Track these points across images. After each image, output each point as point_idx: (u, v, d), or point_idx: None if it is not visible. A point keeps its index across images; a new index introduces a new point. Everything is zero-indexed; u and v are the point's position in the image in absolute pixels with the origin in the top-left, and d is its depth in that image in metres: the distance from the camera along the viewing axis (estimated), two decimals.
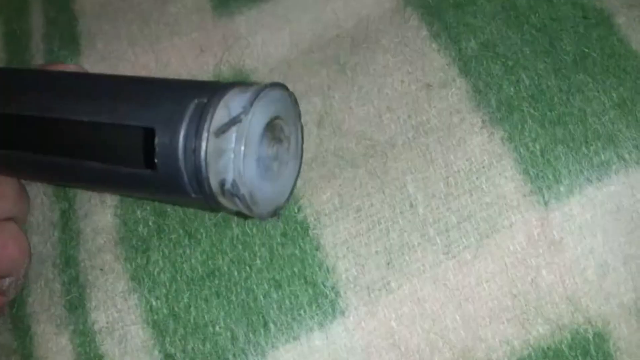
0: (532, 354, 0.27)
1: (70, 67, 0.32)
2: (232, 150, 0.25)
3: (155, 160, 0.25)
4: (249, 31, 0.36)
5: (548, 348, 0.27)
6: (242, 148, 0.25)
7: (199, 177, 0.25)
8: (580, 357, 0.27)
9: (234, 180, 0.25)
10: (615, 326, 0.27)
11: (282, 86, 0.28)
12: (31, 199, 0.33)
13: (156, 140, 0.25)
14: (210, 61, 0.36)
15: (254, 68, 0.35)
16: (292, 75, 0.34)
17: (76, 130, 0.28)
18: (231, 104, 0.25)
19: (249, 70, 0.35)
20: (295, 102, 0.29)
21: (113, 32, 0.38)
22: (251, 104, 0.25)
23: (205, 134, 0.25)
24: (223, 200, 0.26)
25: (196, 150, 0.25)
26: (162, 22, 0.38)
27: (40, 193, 0.34)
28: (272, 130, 0.28)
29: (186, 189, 0.26)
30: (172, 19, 0.38)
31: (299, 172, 0.31)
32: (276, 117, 0.27)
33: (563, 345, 0.27)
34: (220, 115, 0.25)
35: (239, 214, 0.29)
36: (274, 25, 0.36)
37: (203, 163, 0.25)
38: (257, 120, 0.26)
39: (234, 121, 0.25)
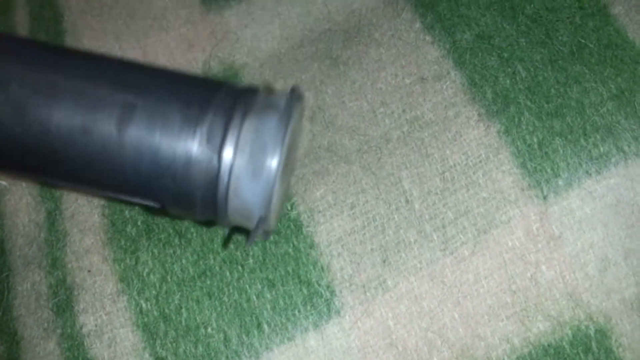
0: (533, 351, 0.27)
1: None
2: (255, 222, 0.25)
3: (168, 211, 0.26)
4: (239, 25, 0.35)
5: (549, 345, 0.27)
6: (267, 218, 0.25)
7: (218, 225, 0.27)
8: (581, 354, 0.27)
9: (258, 233, 0.25)
10: (617, 322, 0.27)
11: (299, 99, 0.25)
12: (16, 200, 0.32)
13: (168, 209, 0.25)
14: (199, 57, 0.35)
15: (243, 63, 0.34)
16: (283, 70, 0.34)
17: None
18: (244, 193, 0.24)
19: (239, 65, 0.34)
20: (300, 99, 0.26)
21: (99, 27, 0.37)
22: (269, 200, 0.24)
23: (223, 215, 0.25)
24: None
25: (215, 216, 0.25)
26: (150, 17, 0.37)
27: (25, 194, 0.33)
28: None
29: (199, 218, 0.26)
30: (159, 14, 0.37)
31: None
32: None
33: (564, 342, 0.27)
34: (235, 205, 0.24)
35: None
36: (264, 19, 0.35)
37: (223, 222, 0.26)
38: (279, 182, 0.24)
39: (258, 227, 0.24)
